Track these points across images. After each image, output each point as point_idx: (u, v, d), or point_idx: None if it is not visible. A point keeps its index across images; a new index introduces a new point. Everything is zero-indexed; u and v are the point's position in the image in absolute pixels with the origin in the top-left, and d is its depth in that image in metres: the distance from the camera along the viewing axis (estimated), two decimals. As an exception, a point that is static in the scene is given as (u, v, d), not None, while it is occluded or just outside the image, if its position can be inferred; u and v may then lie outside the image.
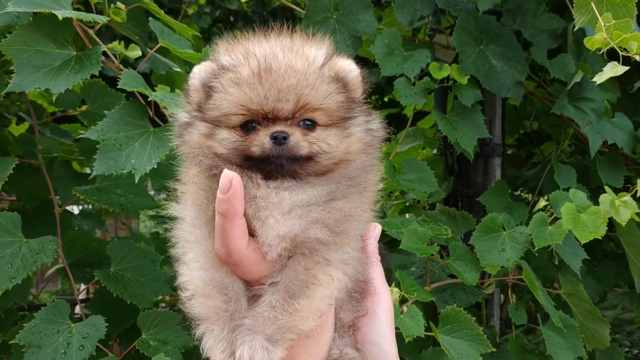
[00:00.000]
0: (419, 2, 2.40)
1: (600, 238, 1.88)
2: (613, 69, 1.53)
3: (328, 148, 0.93)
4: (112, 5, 1.87)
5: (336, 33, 2.25)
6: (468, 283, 1.98)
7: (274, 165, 0.91)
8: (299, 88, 0.91)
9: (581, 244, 2.02)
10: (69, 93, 2.08)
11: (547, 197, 2.18)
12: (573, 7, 1.63)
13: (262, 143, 0.90)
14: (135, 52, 1.83)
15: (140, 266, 2.04)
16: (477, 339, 1.86)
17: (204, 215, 0.95)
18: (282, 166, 0.91)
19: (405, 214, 3.14)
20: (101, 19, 1.69)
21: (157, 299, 2.09)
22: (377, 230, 1.12)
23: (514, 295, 2.68)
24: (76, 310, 2.38)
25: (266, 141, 0.90)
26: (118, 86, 1.64)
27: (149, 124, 1.75)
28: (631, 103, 2.85)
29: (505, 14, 2.50)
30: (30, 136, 2.30)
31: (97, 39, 1.77)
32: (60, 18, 1.60)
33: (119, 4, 1.87)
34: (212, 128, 0.94)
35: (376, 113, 1.04)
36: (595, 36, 1.52)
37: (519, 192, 3.49)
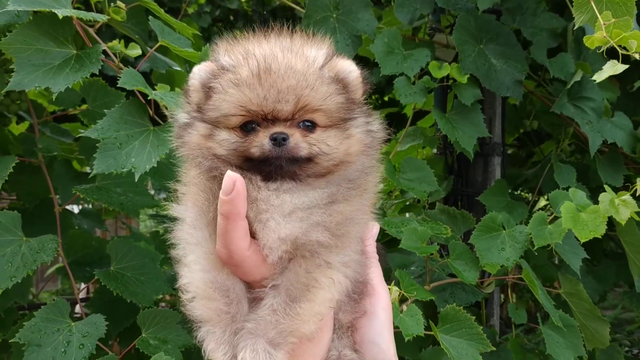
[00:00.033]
0: (419, 1, 2.39)
1: (600, 237, 1.88)
2: (612, 68, 1.53)
3: (328, 149, 0.93)
4: (112, 4, 1.87)
5: (336, 32, 2.25)
6: (468, 282, 1.98)
7: (274, 166, 0.91)
8: (299, 89, 0.90)
9: (581, 243, 2.02)
10: (69, 92, 2.07)
11: (547, 197, 2.17)
12: (573, 6, 1.63)
13: (262, 144, 0.90)
14: (135, 51, 1.83)
15: (140, 265, 2.04)
16: (477, 338, 1.86)
17: (205, 217, 0.95)
18: (282, 167, 0.91)
19: (405, 213, 3.13)
20: (101, 18, 1.68)
21: (157, 298, 2.09)
22: (375, 230, 1.12)
23: (514, 294, 2.68)
24: (76, 309, 2.39)
25: (266, 142, 0.90)
26: (118, 85, 1.63)
27: (149, 123, 1.74)
28: (631, 102, 2.85)
29: (505, 13, 2.49)
30: (30, 135, 2.30)
31: (97, 38, 1.77)
32: (60, 17, 1.59)
33: (119, 3, 1.86)
34: (212, 129, 0.94)
35: (376, 114, 1.03)
36: (594, 35, 1.52)
37: (519, 192, 3.49)
